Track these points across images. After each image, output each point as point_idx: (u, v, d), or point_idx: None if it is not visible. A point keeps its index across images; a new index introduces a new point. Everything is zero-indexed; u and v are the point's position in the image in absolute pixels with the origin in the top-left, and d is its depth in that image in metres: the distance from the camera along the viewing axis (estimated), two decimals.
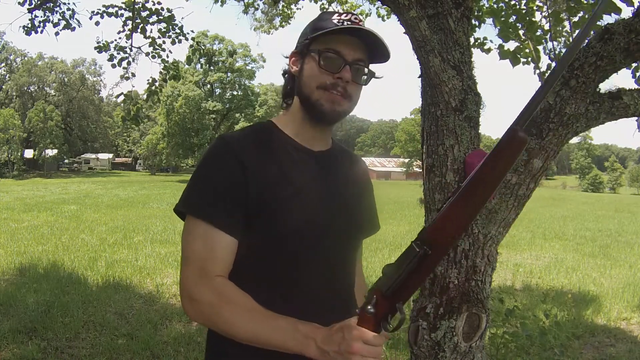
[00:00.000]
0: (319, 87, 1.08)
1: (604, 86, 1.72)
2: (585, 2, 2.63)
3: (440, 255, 0.90)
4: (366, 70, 1.12)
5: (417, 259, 0.87)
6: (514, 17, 2.93)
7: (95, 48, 5.41)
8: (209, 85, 44.35)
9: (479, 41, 3.95)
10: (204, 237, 1.02)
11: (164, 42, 5.56)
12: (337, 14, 1.10)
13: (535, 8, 2.98)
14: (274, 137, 1.13)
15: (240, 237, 1.05)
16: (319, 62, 1.07)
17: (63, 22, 5.53)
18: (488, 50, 3.94)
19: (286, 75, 1.18)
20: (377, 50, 1.11)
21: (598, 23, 2.59)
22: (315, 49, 1.08)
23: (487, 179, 0.81)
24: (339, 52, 1.07)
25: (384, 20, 5.82)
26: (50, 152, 48.07)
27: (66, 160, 56.22)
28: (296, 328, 0.97)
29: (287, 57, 1.17)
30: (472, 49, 1.92)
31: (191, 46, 6.10)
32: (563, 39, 3.12)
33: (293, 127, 1.15)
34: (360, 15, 1.14)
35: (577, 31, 2.79)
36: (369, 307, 0.93)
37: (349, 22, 1.07)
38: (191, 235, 1.04)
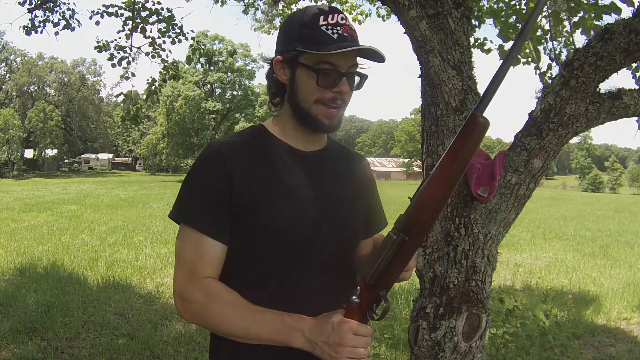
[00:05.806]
0: (317, 102, 1.07)
1: (604, 86, 1.72)
2: (585, 2, 2.63)
3: (418, 240, 0.94)
4: (359, 74, 1.10)
5: (395, 246, 0.92)
6: (514, 17, 2.94)
7: (95, 48, 5.41)
8: (209, 85, 44.39)
9: (479, 41, 3.95)
10: (194, 243, 1.06)
11: (163, 42, 5.56)
12: (322, 16, 1.05)
13: None
14: (264, 141, 1.13)
15: (230, 241, 1.06)
16: (317, 80, 1.04)
17: (63, 22, 5.54)
18: (488, 51, 3.94)
19: (272, 77, 1.13)
20: (372, 55, 1.07)
21: (598, 23, 2.61)
22: (308, 64, 1.05)
23: (454, 164, 0.87)
24: (334, 63, 1.04)
25: (384, 20, 5.81)
26: (50, 152, 48.11)
27: (66, 160, 56.28)
28: (282, 320, 0.99)
29: (268, 61, 1.13)
30: (472, 49, 1.92)
31: (191, 46, 6.09)
32: (563, 39, 3.12)
33: (284, 130, 1.14)
34: (344, 12, 1.07)
35: (577, 31, 2.79)
36: (354, 297, 0.96)
37: (337, 29, 1.04)
38: (183, 241, 1.08)
